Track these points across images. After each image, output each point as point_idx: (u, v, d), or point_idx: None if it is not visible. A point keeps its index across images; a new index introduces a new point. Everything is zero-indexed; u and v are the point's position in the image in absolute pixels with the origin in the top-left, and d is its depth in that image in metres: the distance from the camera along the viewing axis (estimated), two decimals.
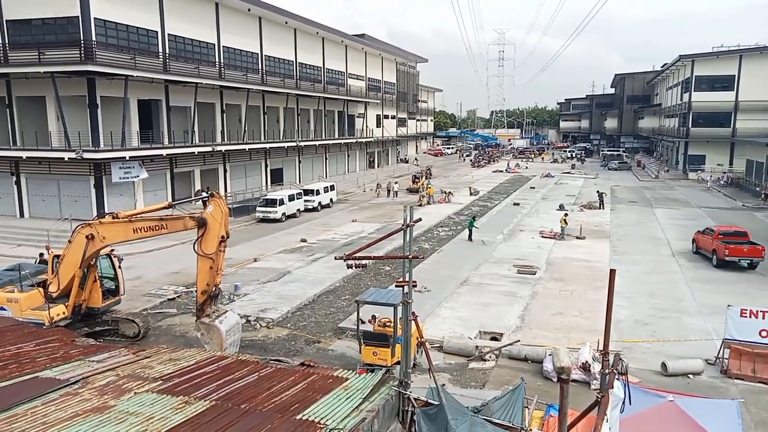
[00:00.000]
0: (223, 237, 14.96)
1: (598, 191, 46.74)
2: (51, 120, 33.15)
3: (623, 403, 7.43)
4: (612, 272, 7.41)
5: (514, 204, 45.69)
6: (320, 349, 16.89)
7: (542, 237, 32.56)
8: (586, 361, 14.34)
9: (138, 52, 33.77)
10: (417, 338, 13.07)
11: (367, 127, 69.34)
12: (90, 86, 31.47)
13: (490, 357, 15.88)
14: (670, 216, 40.39)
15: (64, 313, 16.44)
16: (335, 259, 10.39)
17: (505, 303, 20.76)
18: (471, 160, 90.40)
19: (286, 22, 49.63)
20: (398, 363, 13.57)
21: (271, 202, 38.32)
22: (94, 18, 30.80)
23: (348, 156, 66.31)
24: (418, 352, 14.40)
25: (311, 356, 15.40)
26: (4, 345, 9.87)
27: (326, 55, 58.63)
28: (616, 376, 7.22)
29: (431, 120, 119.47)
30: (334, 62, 60.69)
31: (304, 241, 31.62)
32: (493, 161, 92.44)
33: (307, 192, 42.90)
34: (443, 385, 11.72)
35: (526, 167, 79.75)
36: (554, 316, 19.35)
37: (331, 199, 45.14)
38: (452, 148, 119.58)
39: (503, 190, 56.06)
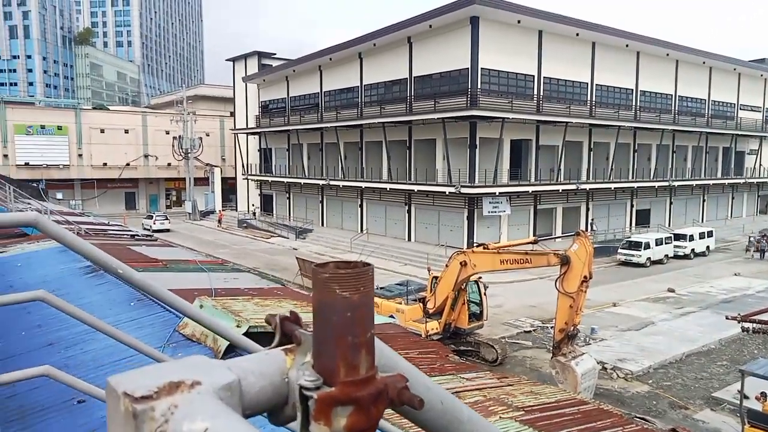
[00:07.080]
0: (585, 277, 14.75)
1: None
2: (438, 159, 38.43)
3: None
4: None
5: None
6: (687, 417, 14.96)
7: None
8: None
9: (515, 96, 36.38)
10: None
11: (761, 165, 58.77)
12: (471, 129, 35.28)
13: None
14: None
15: (436, 328, 18.66)
16: (726, 318, 9.09)
17: None
18: None
19: (668, 54, 46.24)
20: None
21: (635, 245, 35.93)
22: (481, 68, 34.58)
23: (732, 198, 57.34)
24: None
25: (677, 422, 13.78)
26: (396, 349, 11.76)
27: (712, 86, 52.26)
28: None
29: None
30: (722, 93, 53.56)
31: (671, 291, 28.63)
32: None
33: (678, 236, 38.75)
34: None
35: None
36: None
37: (707, 247, 39.67)
38: None
39: None
